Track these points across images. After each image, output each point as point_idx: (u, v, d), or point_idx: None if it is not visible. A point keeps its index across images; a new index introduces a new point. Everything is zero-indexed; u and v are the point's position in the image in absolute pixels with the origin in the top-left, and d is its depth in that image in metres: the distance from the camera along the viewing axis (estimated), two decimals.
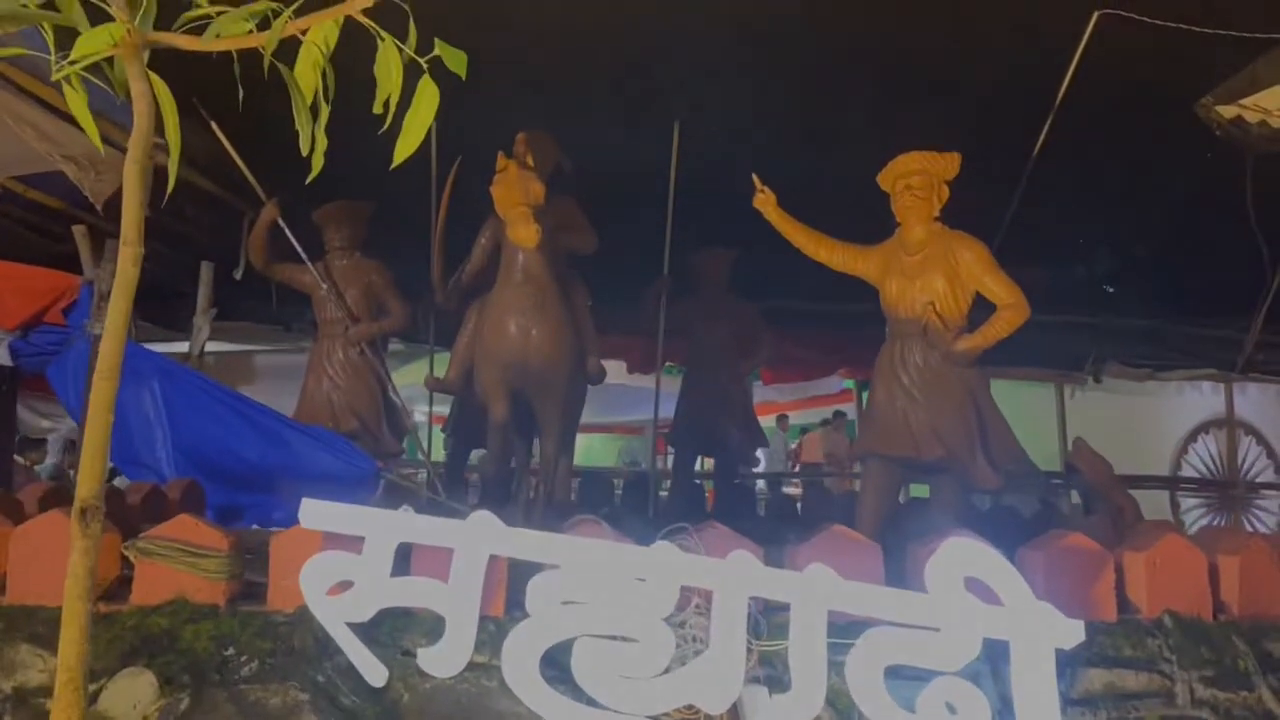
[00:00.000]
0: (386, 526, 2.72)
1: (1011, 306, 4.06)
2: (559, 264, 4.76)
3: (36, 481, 7.07)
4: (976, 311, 4.24)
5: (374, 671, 2.63)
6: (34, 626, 2.68)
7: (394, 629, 2.71)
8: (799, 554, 2.94)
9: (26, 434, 7.51)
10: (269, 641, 2.66)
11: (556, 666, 2.65)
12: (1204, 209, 6.42)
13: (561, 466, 4.96)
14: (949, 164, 4.25)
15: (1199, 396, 9.06)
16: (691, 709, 2.65)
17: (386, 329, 5.69)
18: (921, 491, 5.90)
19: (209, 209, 6.12)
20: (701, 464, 7.85)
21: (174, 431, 4.85)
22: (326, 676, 2.61)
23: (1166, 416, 9.35)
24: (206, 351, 6.19)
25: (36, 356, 5.37)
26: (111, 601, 2.78)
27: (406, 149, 2.35)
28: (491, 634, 2.70)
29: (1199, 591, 3.14)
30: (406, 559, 2.80)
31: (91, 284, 5.22)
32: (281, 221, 5.42)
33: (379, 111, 2.34)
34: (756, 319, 6.66)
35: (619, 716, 2.60)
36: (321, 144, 2.42)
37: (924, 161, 4.24)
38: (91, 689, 2.53)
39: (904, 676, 2.71)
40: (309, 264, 5.53)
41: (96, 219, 5.36)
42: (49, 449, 8.29)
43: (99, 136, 2.55)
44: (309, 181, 2.55)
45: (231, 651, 2.63)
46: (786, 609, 2.72)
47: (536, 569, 2.77)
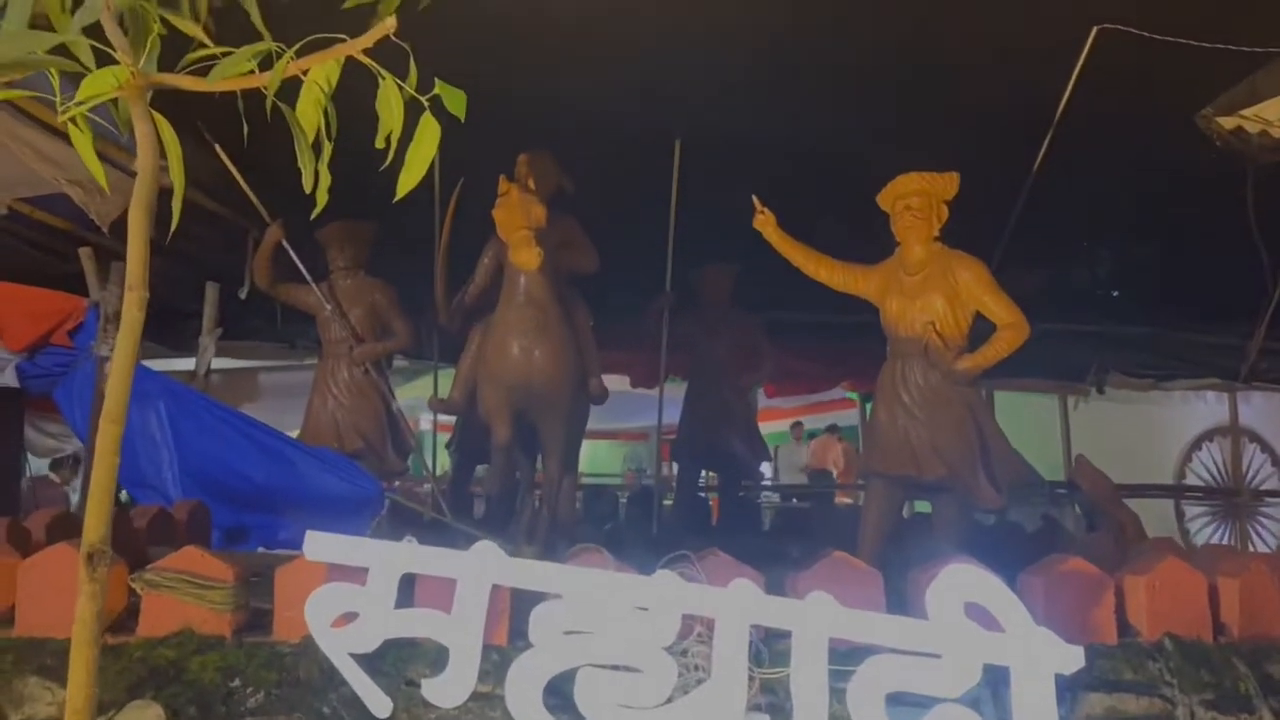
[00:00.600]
0: (390, 557, 2.74)
1: (1011, 326, 4.08)
2: (561, 284, 4.79)
3: (65, 500, 7.10)
4: (977, 330, 4.26)
5: (378, 702, 2.65)
6: (42, 659, 2.71)
7: (398, 659, 2.73)
8: (800, 581, 2.96)
9: (62, 454, 7.51)
10: (275, 673, 2.68)
11: (560, 696, 2.66)
12: (1205, 219, 6.43)
13: (565, 486, 4.98)
14: (948, 184, 4.27)
15: (1203, 405, 9.05)
16: None
17: (391, 349, 5.73)
18: (926, 507, 5.92)
19: (214, 228, 6.17)
20: (706, 477, 7.85)
21: (180, 453, 4.89)
22: (331, 708, 2.63)
23: (1170, 425, 9.33)
24: (212, 369, 6.23)
25: (43, 378, 5.42)
26: (119, 633, 2.80)
27: (409, 182, 2.39)
28: (495, 663, 2.72)
29: (1199, 614, 3.14)
30: (410, 588, 2.82)
31: (97, 306, 5.26)
32: (286, 243, 5.46)
33: (381, 146, 2.37)
34: (759, 333, 6.68)
35: None
36: (325, 180, 2.46)
37: (923, 182, 4.26)
38: None
39: (905, 703, 2.72)
40: (313, 285, 5.56)
41: (102, 238, 5.40)
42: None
43: (104, 176, 2.59)
44: (314, 217, 2.58)
45: (238, 683, 2.65)
46: (788, 636, 2.74)
47: (540, 597, 2.80)
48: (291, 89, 2.36)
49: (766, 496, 10.26)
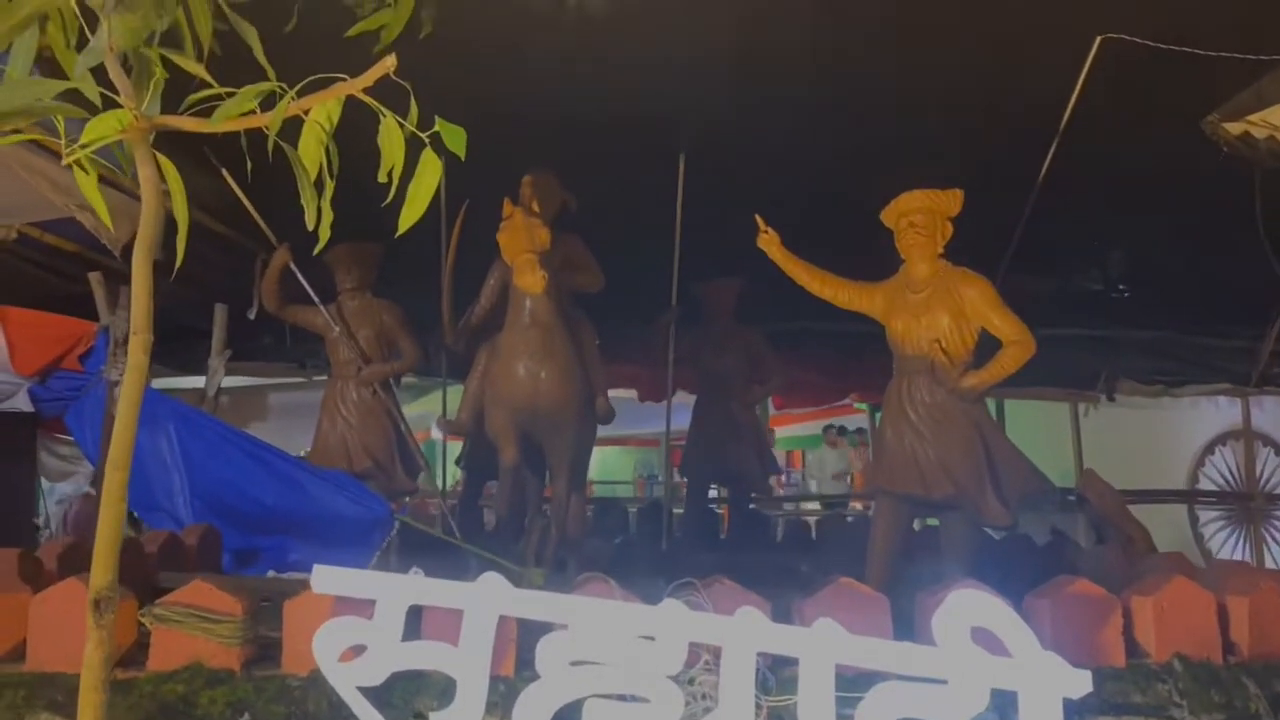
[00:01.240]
0: (397, 590, 2.75)
1: (1017, 343, 4.07)
2: (566, 305, 4.80)
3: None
4: (983, 347, 4.26)
5: None
6: (53, 694, 2.72)
7: (406, 692, 2.74)
8: (806, 607, 2.97)
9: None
10: (284, 706, 2.70)
11: None
12: (1213, 225, 6.40)
13: (573, 504, 4.99)
14: (952, 201, 4.27)
15: (1214, 409, 9.00)
16: None
17: (399, 369, 5.75)
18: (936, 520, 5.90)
19: (222, 250, 6.19)
20: (719, 492, 7.86)
21: (191, 476, 4.92)
22: None
23: (1182, 430, 9.30)
24: (222, 389, 6.26)
25: (55, 402, 5.45)
26: (128, 668, 2.82)
27: (411, 217, 2.40)
28: (502, 694, 2.73)
29: (1208, 633, 3.13)
30: (418, 619, 2.83)
31: (107, 330, 5.30)
32: (294, 265, 5.49)
33: (384, 181, 2.39)
34: (765, 347, 6.68)
35: None
36: (328, 217, 2.47)
37: (927, 199, 4.26)
38: None
39: None
40: (321, 307, 5.59)
41: (112, 261, 5.43)
42: None
43: (109, 218, 2.61)
44: (316, 253, 2.60)
45: (247, 717, 2.67)
46: (795, 663, 2.74)
47: (548, 626, 2.81)
48: (294, 124, 2.38)
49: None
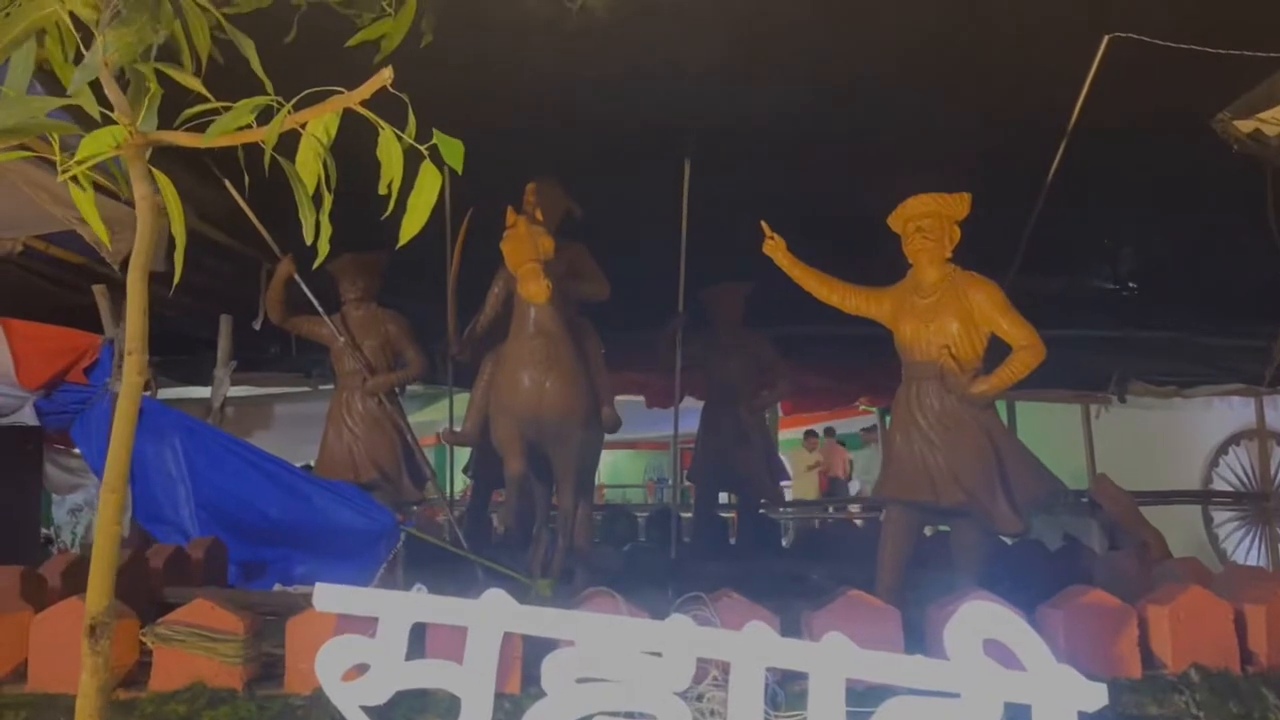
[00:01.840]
0: (400, 607, 2.72)
1: (1026, 348, 4.02)
2: (571, 313, 4.77)
3: None
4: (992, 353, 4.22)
5: None
6: (55, 715, 2.70)
7: (410, 711, 2.71)
8: (815, 621, 2.93)
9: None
10: None
11: None
12: (1225, 223, 6.35)
13: (580, 515, 4.95)
14: (959, 205, 4.22)
15: (1228, 409, 8.91)
16: None
17: (404, 379, 5.73)
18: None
19: (226, 260, 6.18)
20: (730, 499, 7.82)
21: (196, 488, 4.90)
22: None
23: (1196, 430, 9.20)
24: (228, 399, 6.24)
25: (60, 415, 5.43)
26: (130, 688, 2.79)
27: (411, 229, 2.38)
28: (508, 712, 2.70)
29: (1226, 643, 3.09)
30: (421, 636, 2.80)
31: (112, 342, 5.28)
32: (297, 276, 5.47)
33: (384, 193, 2.36)
34: (772, 352, 6.63)
35: None
36: (326, 231, 2.45)
37: (934, 203, 4.22)
38: None
39: None
40: (325, 317, 5.57)
41: (116, 273, 5.42)
42: None
43: (107, 236, 2.59)
44: (315, 267, 2.57)
45: None
46: (804, 677, 2.70)
47: (554, 642, 2.77)
48: (293, 138, 2.35)
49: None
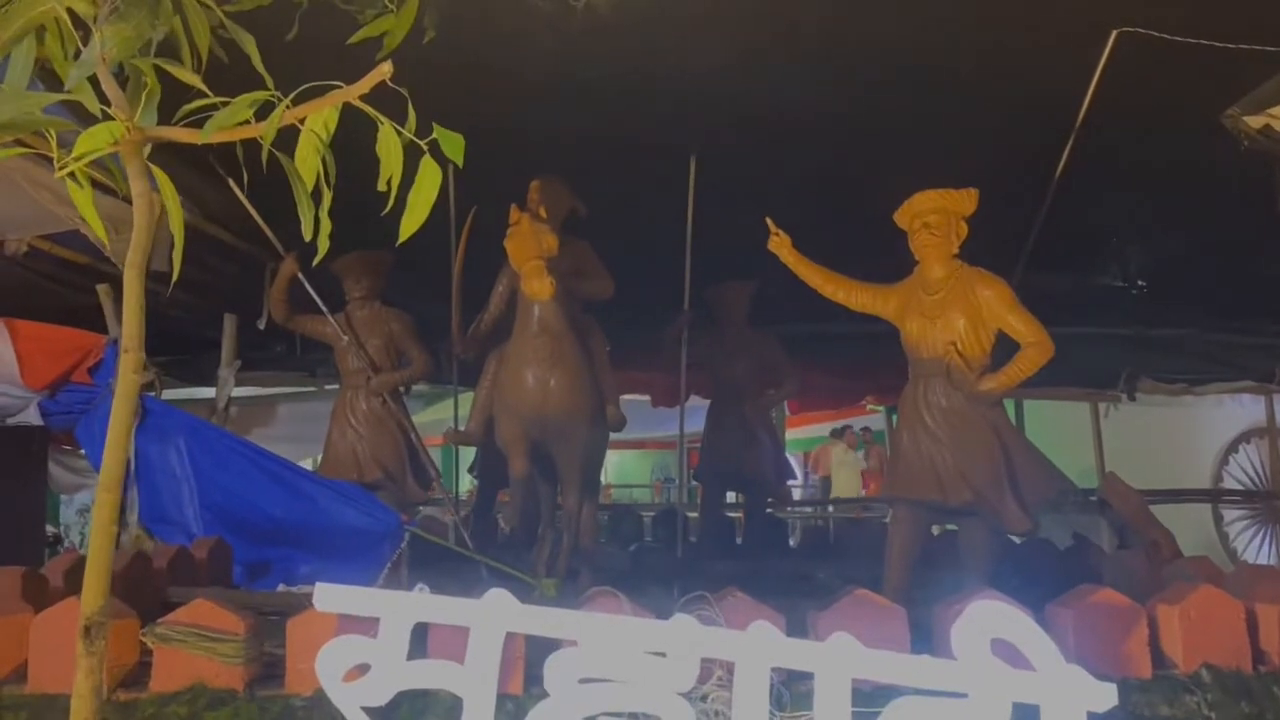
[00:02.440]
0: (402, 607, 2.69)
1: (1035, 345, 3.98)
2: (575, 312, 4.74)
3: None
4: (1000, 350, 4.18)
5: None
6: (55, 715, 2.68)
7: (412, 712, 2.68)
8: (821, 621, 2.90)
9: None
10: None
11: None
12: (1234, 219, 6.31)
13: (585, 515, 4.93)
14: (966, 201, 4.18)
15: (1238, 407, 8.87)
16: None
17: (408, 378, 5.72)
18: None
19: (230, 259, 6.18)
20: (737, 499, 7.79)
21: (201, 488, 4.90)
22: None
23: (1205, 428, 9.17)
24: (232, 399, 6.23)
25: (65, 415, 5.43)
26: (130, 689, 2.78)
27: (411, 226, 2.35)
28: (510, 713, 2.67)
29: (1237, 642, 3.04)
30: (423, 636, 2.78)
31: (116, 342, 5.28)
32: (301, 275, 5.46)
33: (383, 189, 2.34)
34: (779, 350, 6.60)
35: None
36: (326, 227, 2.42)
37: (941, 199, 4.18)
38: None
39: None
40: (329, 316, 5.55)
41: (120, 271, 5.40)
42: None
43: (104, 232, 2.57)
44: (315, 264, 2.55)
45: None
46: (810, 677, 2.68)
47: (557, 643, 2.75)
48: (293, 134, 2.33)
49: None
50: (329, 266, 5.64)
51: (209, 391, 6.54)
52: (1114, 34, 4.44)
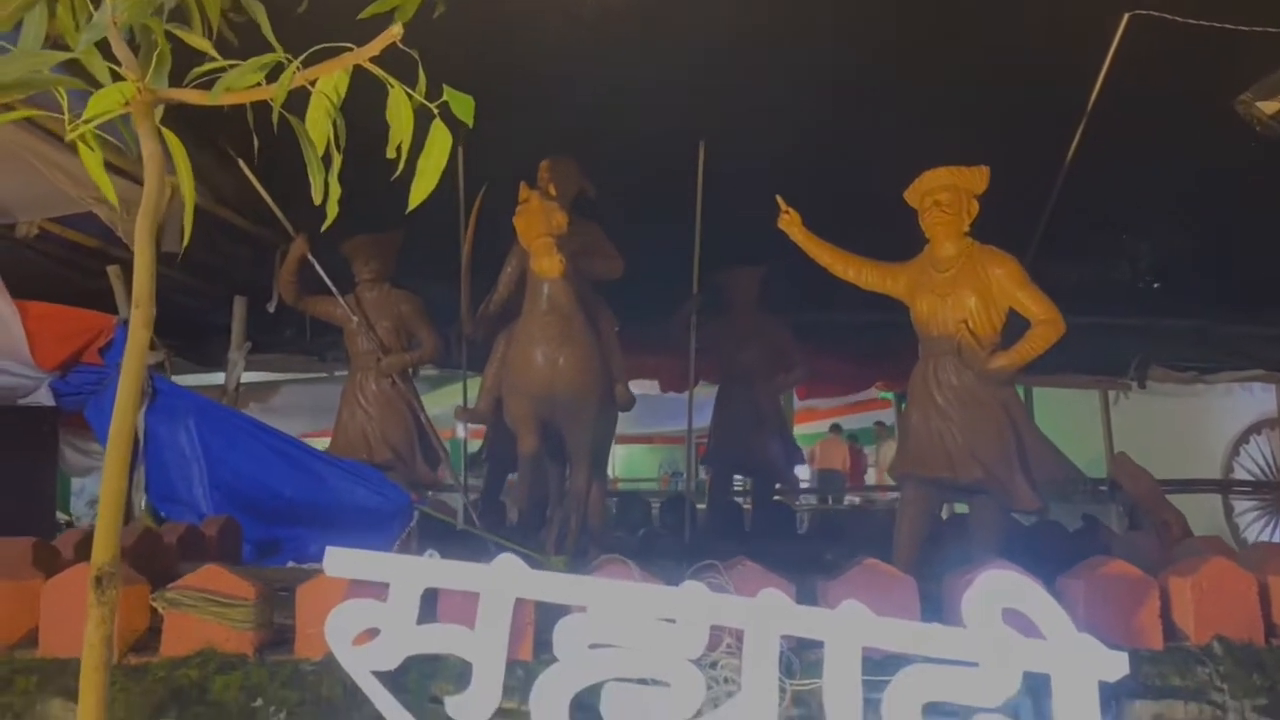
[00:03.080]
0: (411, 572, 2.70)
1: (1046, 323, 3.97)
2: (584, 291, 4.74)
3: None
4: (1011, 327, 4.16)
5: None
6: (65, 680, 2.69)
7: (421, 676, 2.68)
8: (831, 590, 2.89)
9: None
10: (297, 691, 2.65)
11: (587, 711, 2.61)
12: (1246, 206, 6.28)
13: (593, 495, 4.92)
14: (977, 178, 4.17)
15: (1249, 397, 8.82)
16: None
17: (418, 360, 5.72)
18: (965, 507, 5.80)
19: (241, 243, 6.19)
20: (745, 483, 7.78)
21: (211, 468, 4.90)
22: None
23: (1216, 418, 9.12)
24: (242, 383, 6.25)
25: (76, 396, 5.44)
26: (141, 653, 2.79)
27: (421, 192, 2.35)
28: (520, 679, 2.67)
29: (1249, 615, 3.03)
30: (433, 603, 2.78)
31: (127, 323, 5.28)
32: (311, 256, 5.46)
33: (392, 156, 2.33)
34: (788, 336, 6.59)
35: None
36: (335, 192, 2.42)
37: (952, 176, 4.17)
38: None
39: (943, 713, 2.64)
40: (339, 297, 5.56)
41: (131, 254, 5.41)
42: None
43: (114, 194, 2.57)
44: (323, 229, 2.55)
45: (260, 702, 2.62)
46: (820, 646, 2.67)
47: (566, 610, 2.75)
48: (302, 102, 2.33)
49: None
50: (339, 249, 5.65)
51: (218, 378, 6.57)
52: (1126, 16, 4.42)
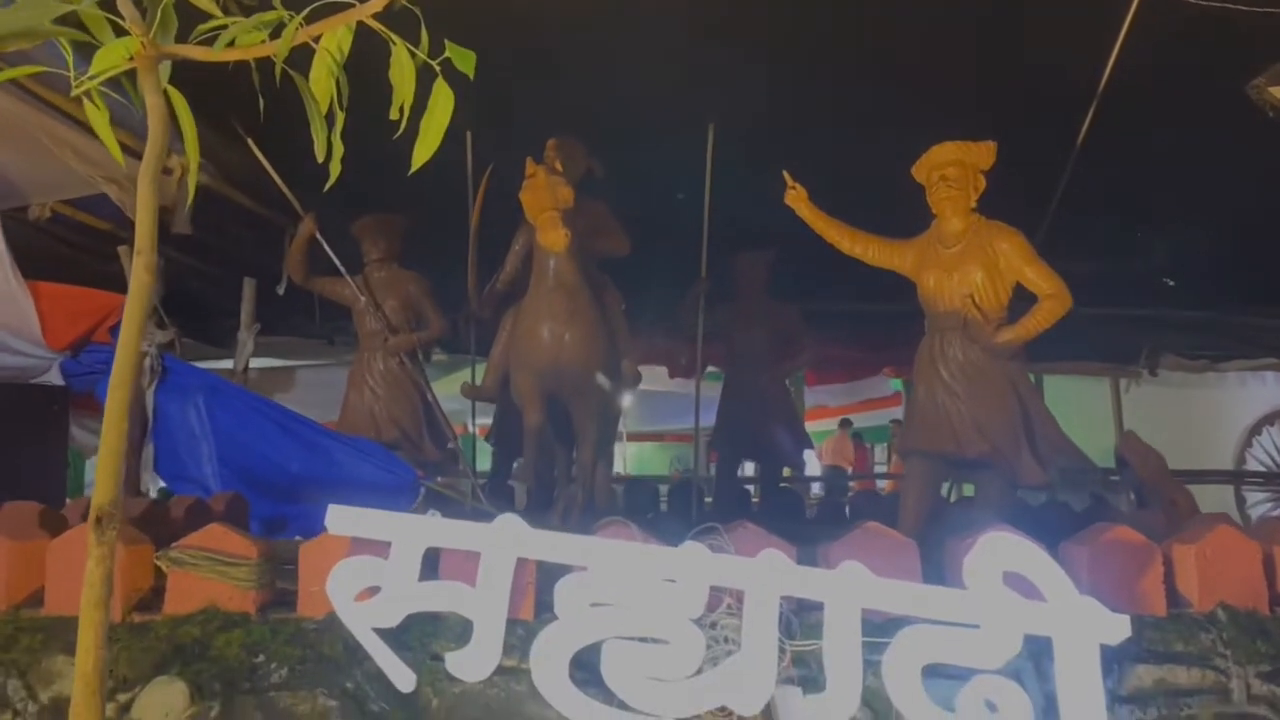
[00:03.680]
0: (413, 531, 2.71)
1: (1052, 297, 3.96)
2: (591, 268, 4.76)
3: None
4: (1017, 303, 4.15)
5: (402, 677, 2.62)
6: (69, 636, 2.68)
7: (422, 634, 2.70)
8: (832, 552, 2.88)
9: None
10: (299, 649, 2.66)
11: (586, 669, 2.62)
12: (1259, 194, 6.24)
13: (600, 472, 4.94)
14: (984, 153, 4.16)
15: (1262, 387, 8.77)
16: (724, 711, 2.61)
17: (425, 339, 5.74)
18: (972, 491, 5.79)
19: (250, 226, 6.23)
20: (755, 470, 7.77)
21: (219, 445, 4.92)
22: (355, 683, 2.61)
23: (1228, 409, 9.06)
24: (250, 367, 6.27)
25: (86, 375, 5.48)
26: (145, 611, 2.81)
27: (425, 152, 2.36)
28: (520, 638, 2.68)
29: (1254, 583, 3.01)
30: (435, 564, 2.79)
31: None
32: (319, 235, 5.49)
33: (395, 117, 2.35)
34: (797, 320, 6.59)
35: (650, 719, 2.57)
36: (338, 150, 2.44)
37: (959, 151, 4.16)
38: (124, 698, 2.56)
39: (944, 675, 2.64)
40: (347, 277, 5.59)
41: None
42: None
43: (120, 151, 2.59)
44: (326, 189, 2.56)
45: (261, 659, 2.64)
46: (821, 608, 2.67)
47: (567, 572, 2.75)
48: (305, 64, 2.35)
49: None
50: (348, 230, 5.68)
51: (226, 365, 6.60)
52: None
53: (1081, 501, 5.18)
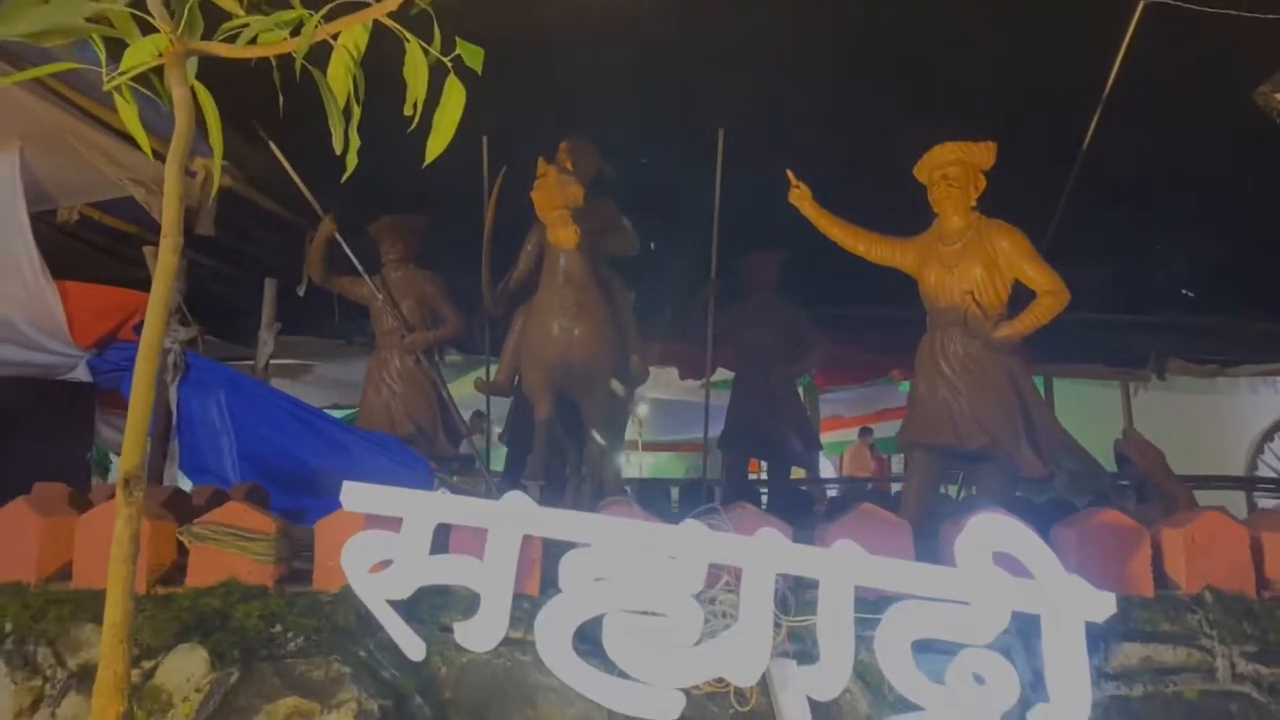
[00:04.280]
0: (424, 507, 2.82)
1: (1050, 293, 4.05)
2: (600, 266, 4.87)
3: None
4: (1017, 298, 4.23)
5: (413, 646, 2.74)
6: (98, 608, 2.80)
7: (432, 606, 2.81)
8: (828, 533, 2.98)
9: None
10: (314, 619, 2.78)
11: (589, 641, 2.73)
12: (1266, 199, 6.28)
13: (608, 467, 5.03)
14: (985, 153, 4.25)
15: (1273, 394, 8.79)
16: (721, 681, 2.71)
17: (441, 338, 5.86)
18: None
19: (272, 229, 6.37)
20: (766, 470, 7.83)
21: (239, 439, 5.04)
22: (368, 651, 2.73)
23: (1239, 415, 9.09)
24: (271, 364, 6.41)
25: (112, 373, 5.61)
26: (168, 584, 2.93)
27: (437, 147, 2.48)
28: (526, 611, 2.79)
29: (1241, 568, 3.08)
30: (446, 539, 2.91)
31: None
32: (339, 235, 5.63)
33: (409, 113, 2.47)
34: (805, 322, 6.67)
35: (650, 688, 2.67)
36: (355, 143, 2.56)
37: (960, 151, 4.26)
38: (148, 665, 2.69)
39: (933, 650, 2.73)
40: (365, 276, 5.72)
41: None
42: None
43: (148, 143, 2.72)
44: (344, 180, 2.68)
45: (279, 629, 2.75)
46: (816, 585, 2.77)
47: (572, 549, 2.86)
48: (323, 62, 2.47)
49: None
50: (366, 230, 5.82)
51: (247, 363, 6.74)
52: (1141, 4, 4.48)
53: (1085, 500, 5.21)
